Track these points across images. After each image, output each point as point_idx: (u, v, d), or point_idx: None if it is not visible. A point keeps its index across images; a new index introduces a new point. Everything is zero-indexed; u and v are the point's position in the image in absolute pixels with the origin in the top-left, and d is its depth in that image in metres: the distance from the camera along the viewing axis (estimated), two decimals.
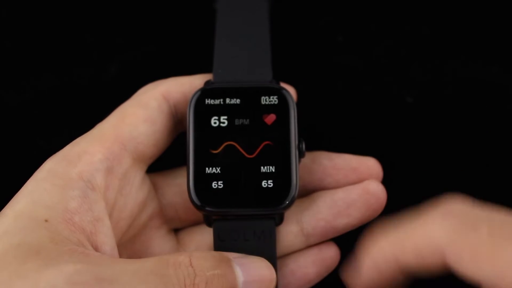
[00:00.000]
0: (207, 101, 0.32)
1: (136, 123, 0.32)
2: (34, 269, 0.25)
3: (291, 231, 0.34)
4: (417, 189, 0.38)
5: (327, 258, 0.34)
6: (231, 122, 0.32)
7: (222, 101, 0.33)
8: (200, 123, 0.32)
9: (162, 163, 0.35)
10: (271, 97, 0.33)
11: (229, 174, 0.32)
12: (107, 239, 0.29)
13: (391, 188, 0.35)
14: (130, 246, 0.33)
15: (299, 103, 0.34)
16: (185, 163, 0.32)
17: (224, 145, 0.32)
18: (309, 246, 0.34)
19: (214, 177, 0.31)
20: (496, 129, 0.42)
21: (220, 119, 0.32)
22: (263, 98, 0.33)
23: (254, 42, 0.35)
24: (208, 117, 0.32)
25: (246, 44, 0.35)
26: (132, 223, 0.33)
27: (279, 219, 0.32)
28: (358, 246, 0.29)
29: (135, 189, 0.33)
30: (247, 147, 0.32)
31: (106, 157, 0.31)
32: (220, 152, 0.32)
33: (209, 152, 0.32)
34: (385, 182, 0.35)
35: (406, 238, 0.26)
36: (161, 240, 0.34)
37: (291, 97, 0.33)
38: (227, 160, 0.32)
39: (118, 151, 0.31)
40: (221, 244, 0.32)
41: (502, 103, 0.43)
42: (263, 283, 0.29)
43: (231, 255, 0.29)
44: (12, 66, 0.44)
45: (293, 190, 0.31)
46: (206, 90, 0.33)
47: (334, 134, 0.42)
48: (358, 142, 0.41)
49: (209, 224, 0.33)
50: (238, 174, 0.32)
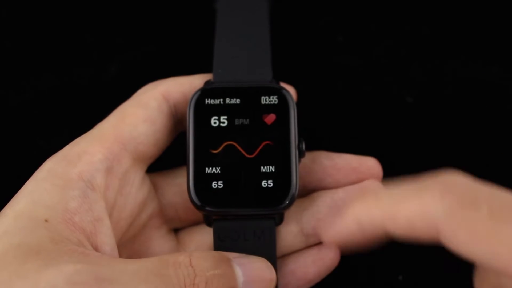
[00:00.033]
0: (207, 101, 0.32)
1: (136, 123, 0.32)
2: (34, 269, 0.25)
3: (291, 231, 0.34)
4: None
5: (327, 258, 0.34)
6: (231, 122, 0.32)
7: (222, 101, 0.32)
8: (200, 123, 0.32)
9: (162, 163, 0.35)
10: (271, 97, 0.33)
11: (229, 174, 0.32)
12: (107, 239, 0.29)
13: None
14: (130, 246, 0.33)
15: (299, 103, 0.34)
16: (185, 163, 0.32)
17: (224, 145, 0.32)
18: (309, 246, 0.34)
19: (214, 177, 0.31)
20: (496, 129, 0.42)
21: (220, 119, 0.32)
22: (263, 98, 0.33)
23: (254, 42, 0.35)
24: (208, 117, 0.32)
25: (246, 44, 0.35)
26: (132, 223, 0.33)
27: (279, 219, 0.32)
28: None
29: (135, 189, 0.33)
30: (247, 147, 0.32)
31: (106, 157, 0.31)
32: (220, 152, 0.32)
33: (209, 152, 0.32)
34: (385, 182, 0.35)
35: (400, 207, 0.25)
36: (161, 240, 0.34)
37: (291, 97, 0.33)
38: (227, 160, 0.32)
39: (118, 151, 0.31)
40: (221, 244, 0.32)
41: (502, 103, 0.43)
42: (263, 283, 0.29)
43: (231, 255, 0.29)
44: (12, 66, 0.44)
45: (293, 190, 0.31)
46: (206, 90, 0.33)
47: (334, 134, 0.42)
48: (358, 142, 0.41)
49: (209, 224, 0.33)
50: (238, 174, 0.32)
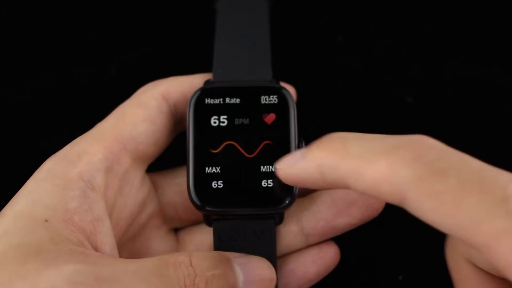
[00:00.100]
0: (207, 101, 0.32)
1: (136, 123, 0.32)
2: (34, 269, 0.25)
3: (291, 231, 0.33)
4: None
5: (327, 258, 0.34)
6: (231, 122, 0.32)
7: (222, 101, 0.32)
8: (200, 123, 0.32)
9: (162, 163, 0.35)
10: (271, 97, 0.33)
11: (229, 174, 0.32)
12: (107, 239, 0.29)
13: None
14: (130, 246, 0.33)
15: (299, 103, 0.34)
16: (185, 163, 0.32)
17: (224, 145, 0.32)
18: (309, 246, 0.34)
19: (214, 177, 0.31)
20: (496, 129, 0.42)
21: (220, 119, 0.32)
22: (263, 98, 0.32)
23: (254, 42, 0.35)
24: (208, 117, 0.32)
25: (246, 44, 0.35)
26: (132, 223, 0.33)
27: (279, 219, 0.32)
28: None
29: (135, 189, 0.33)
30: (247, 147, 0.32)
31: (106, 157, 0.30)
32: (220, 152, 0.32)
33: (209, 152, 0.32)
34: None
35: (367, 167, 0.24)
36: (161, 240, 0.34)
37: (291, 97, 0.33)
38: (227, 160, 0.32)
39: (118, 151, 0.31)
40: (221, 244, 0.32)
41: (502, 103, 0.43)
42: (263, 283, 0.29)
43: (231, 255, 0.29)
44: (12, 66, 0.44)
45: (293, 190, 0.31)
46: (206, 90, 0.33)
47: None
48: None
49: (209, 224, 0.33)
50: (238, 174, 0.32)
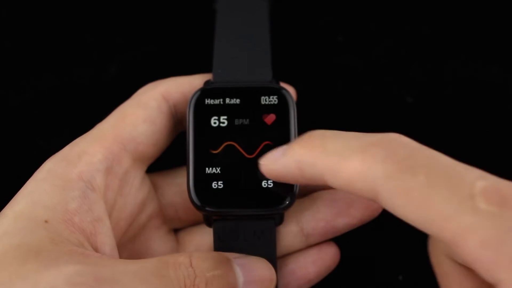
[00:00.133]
0: (207, 101, 0.32)
1: (136, 123, 0.32)
2: (34, 270, 0.25)
3: (291, 231, 0.33)
4: None
5: (327, 258, 0.34)
6: (231, 122, 0.32)
7: (222, 101, 0.32)
8: (200, 123, 0.32)
9: (162, 163, 0.35)
10: (271, 97, 0.33)
11: (229, 174, 0.32)
12: (107, 240, 0.29)
13: None
14: (130, 246, 0.33)
15: (299, 103, 0.34)
16: (185, 163, 0.32)
17: (224, 145, 0.32)
18: (309, 246, 0.34)
19: (214, 177, 0.31)
20: (496, 129, 0.42)
21: (220, 119, 0.32)
22: (263, 98, 0.32)
23: (254, 42, 0.35)
24: (208, 117, 0.32)
25: (246, 44, 0.35)
26: (132, 223, 0.33)
27: (279, 219, 0.32)
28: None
29: (135, 189, 0.33)
30: (247, 147, 0.32)
31: (106, 157, 0.30)
32: (220, 152, 0.32)
33: (209, 152, 0.32)
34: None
35: (342, 164, 0.25)
36: (161, 240, 0.34)
37: (291, 97, 0.33)
38: (227, 160, 0.32)
39: (118, 151, 0.31)
40: (221, 244, 0.32)
41: (502, 103, 0.43)
42: (263, 283, 0.29)
43: (231, 255, 0.29)
44: (12, 66, 0.44)
45: (293, 190, 0.31)
46: (206, 90, 0.33)
47: None
48: None
49: (209, 224, 0.33)
50: (238, 174, 0.32)
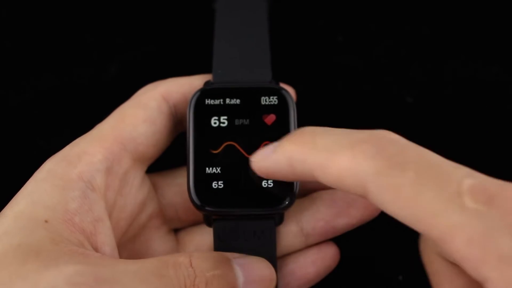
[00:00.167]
0: (207, 101, 0.32)
1: (136, 124, 0.32)
2: (34, 270, 0.25)
3: (291, 231, 0.33)
4: None
5: (327, 258, 0.34)
6: (231, 122, 0.32)
7: (222, 101, 0.32)
8: (200, 123, 0.32)
9: (162, 163, 0.35)
10: (271, 97, 0.33)
11: (229, 174, 0.32)
12: (107, 240, 0.29)
13: None
14: (130, 246, 0.33)
15: (299, 103, 0.34)
16: (185, 163, 0.32)
17: (224, 145, 0.32)
18: (309, 246, 0.34)
19: (214, 177, 0.31)
20: (496, 129, 0.42)
21: (220, 119, 0.32)
22: (263, 98, 0.33)
23: (254, 42, 0.35)
24: (208, 117, 0.32)
25: (246, 44, 0.35)
26: (132, 223, 0.33)
27: (279, 219, 0.32)
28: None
29: (135, 189, 0.33)
30: (247, 147, 0.32)
31: (106, 158, 0.30)
32: (220, 152, 0.32)
33: (209, 152, 0.32)
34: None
35: (332, 160, 0.25)
36: (161, 240, 0.34)
37: (291, 97, 0.33)
38: (227, 160, 0.32)
39: (118, 152, 0.31)
40: (221, 244, 0.32)
41: (502, 103, 0.43)
42: (263, 283, 0.29)
43: (231, 255, 0.29)
44: (12, 66, 0.44)
45: (293, 190, 0.31)
46: (206, 91, 0.33)
47: None
48: None
49: (209, 224, 0.33)
50: (238, 174, 0.32)
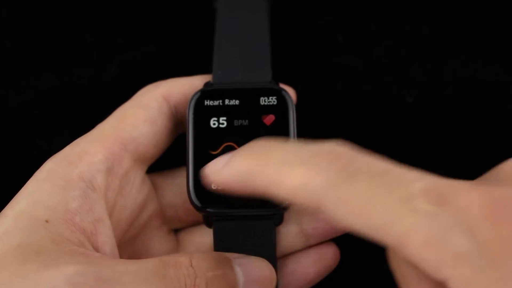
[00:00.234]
0: (206, 102, 0.32)
1: (137, 124, 0.32)
2: (34, 270, 0.25)
3: (291, 231, 0.33)
4: None
5: (327, 258, 0.34)
6: (230, 123, 0.32)
7: (221, 102, 0.32)
8: (200, 124, 0.32)
9: (163, 164, 0.35)
10: (270, 98, 0.33)
11: None
12: (108, 240, 0.29)
13: None
14: (130, 247, 0.34)
15: (299, 104, 0.34)
16: (185, 164, 0.32)
17: (223, 146, 0.32)
18: (309, 246, 0.34)
19: None
20: (496, 129, 0.42)
21: (219, 120, 0.32)
22: (262, 99, 0.33)
23: (254, 43, 0.35)
24: (207, 118, 0.32)
25: (246, 45, 0.34)
26: (132, 224, 0.33)
27: (279, 220, 0.32)
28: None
29: (135, 190, 0.33)
30: None
31: (107, 158, 0.31)
32: (220, 153, 0.32)
33: (209, 153, 0.32)
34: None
35: (285, 176, 0.24)
36: (161, 241, 0.34)
37: (290, 98, 0.33)
38: None
39: (119, 152, 0.31)
40: (221, 245, 0.32)
41: (502, 103, 0.43)
42: (263, 283, 0.29)
43: (231, 256, 0.29)
44: (12, 66, 0.44)
45: None
46: (206, 91, 0.33)
47: (334, 134, 0.42)
48: (358, 142, 0.41)
49: (209, 225, 0.32)
50: None
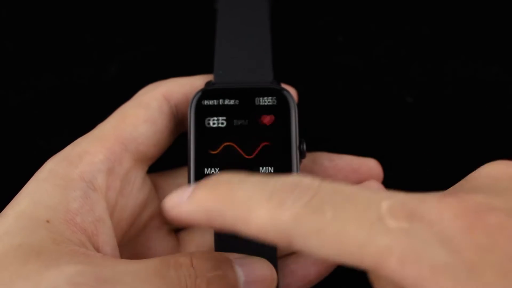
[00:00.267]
0: (206, 102, 0.32)
1: (137, 124, 0.32)
2: (35, 270, 0.25)
3: None
4: (417, 189, 0.38)
5: None
6: (230, 123, 0.32)
7: (220, 102, 0.33)
8: (200, 124, 0.32)
9: (163, 163, 0.35)
10: (269, 98, 0.33)
11: None
12: (108, 240, 0.29)
13: (391, 188, 0.34)
14: (131, 247, 0.33)
15: (299, 104, 0.34)
16: (186, 164, 0.32)
17: (223, 146, 0.32)
18: None
19: None
20: (496, 129, 0.42)
21: (219, 120, 0.32)
22: (261, 99, 0.33)
23: (255, 43, 0.35)
24: (207, 118, 0.32)
25: (247, 45, 0.35)
26: (133, 224, 0.33)
27: None
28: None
29: (136, 190, 0.33)
30: (246, 148, 0.32)
31: (107, 158, 0.30)
32: (219, 153, 0.32)
33: (208, 153, 0.32)
34: (385, 183, 0.35)
35: (252, 213, 0.23)
36: (162, 240, 0.34)
37: (292, 98, 0.33)
38: (226, 161, 0.32)
39: (119, 152, 0.31)
40: (222, 245, 0.32)
41: (502, 103, 0.43)
42: (264, 283, 0.29)
43: (232, 256, 0.29)
44: (12, 66, 0.44)
45: None
46: (207, 91, 0.33)
47: (334, 134, 0.42)
48: (358, 142, 0.41)
49: None
50: None
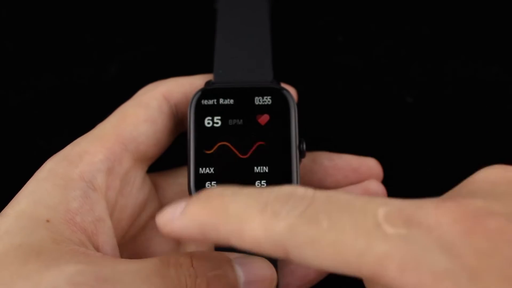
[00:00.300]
0: (204, 102, 0.33)
1: (137, 123, 0.32)
2: (35, 270, 0.25)
3: None
4: (418, 189, 0.38)
5: None
6: (225, 123, 0.32)
7: (216, 102, 0.33)
8: (200, 124, 0.32)
9: (163, 163, 0.35)
10: (265, 98, 0.33)
11: (223, 175, 0.32)
12: (108, 239, 0.29)
13: (391, 188, 0.35)
14: (131, 246, 0.33)
15: (299, 104, 0.34)
16: (186, 163, 0.32)
17: (218, 146, 0.32)
18: None
19: (208, 178, 0.32)
20: (496, 129, 0.42)
21: (214, 120, 0.32)
22: (257, 99, 0.33)
23: (255, 42, 0.35)
24: (204, 117, 0.32)
25: (247, 44, 0.35)
26: (133, 223, 0.33)
27: None
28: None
29: (136, 189, 0.33)
30: (240, 148, 0.32)
31: (107, 157, 0.30)
32: (214, 153, 0.32)
33: (204, 153, 0.32)
34: (385, 182, 0.35)
35: (245, 227, 0.23)
36: (162, 240, 0.34)
37: (291, 97, 0.33)
38: (221, 161, 0.32)
39: (119, 151, 0.31)
40: None
41: (502, 103, 0.43)
42: (264, 283, 0.29)
43: (232, 255, 0.29)
44: (12, 66, 0.44)
45: None
46: (207, 91, 0.33)
47: (334, 134, 0.42)
48: (358, 142, 0.41)
49: None
50: (232, 175, 0.32)
